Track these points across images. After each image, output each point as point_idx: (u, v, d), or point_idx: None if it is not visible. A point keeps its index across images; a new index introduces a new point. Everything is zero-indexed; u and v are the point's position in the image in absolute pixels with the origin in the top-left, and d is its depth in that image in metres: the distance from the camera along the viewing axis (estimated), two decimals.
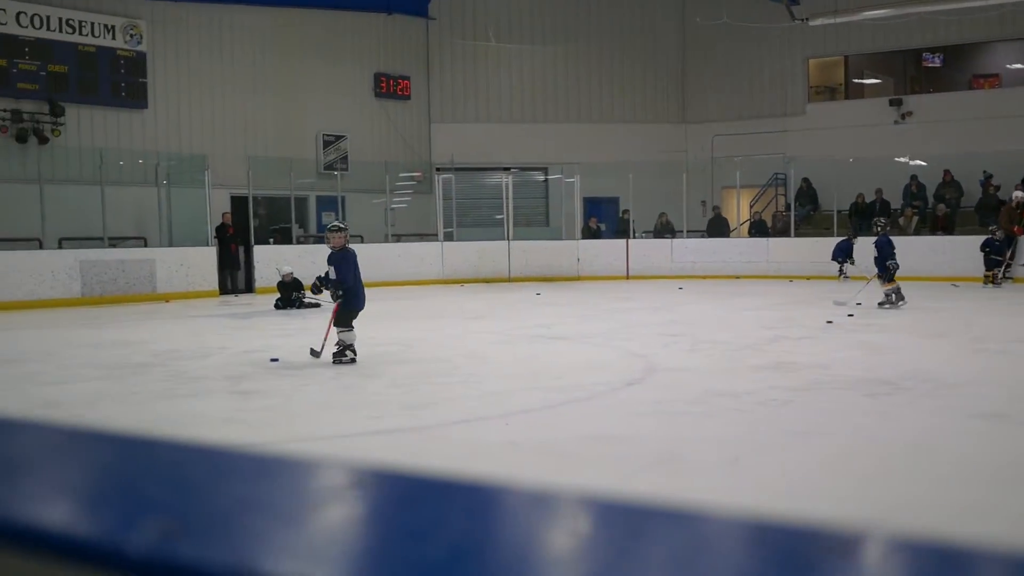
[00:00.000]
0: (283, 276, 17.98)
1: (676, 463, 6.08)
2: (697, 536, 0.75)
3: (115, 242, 20.96)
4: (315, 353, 10.52)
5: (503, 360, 10.92)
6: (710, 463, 6.07)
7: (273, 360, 10.57)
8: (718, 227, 27.11)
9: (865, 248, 17.77)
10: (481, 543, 0.69)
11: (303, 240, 24.68)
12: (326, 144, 26.98)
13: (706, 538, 0.75)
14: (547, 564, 0.69)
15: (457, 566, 0.63)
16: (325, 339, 10.54)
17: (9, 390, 9.11)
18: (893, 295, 15.87)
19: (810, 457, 6.25)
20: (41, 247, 19.72)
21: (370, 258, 24.03)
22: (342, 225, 10.96)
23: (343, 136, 27.24)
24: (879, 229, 16.31)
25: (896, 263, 15.87)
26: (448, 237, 26.00)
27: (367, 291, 10.81)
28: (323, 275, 10.75)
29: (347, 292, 10.47)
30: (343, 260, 10.52)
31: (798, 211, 26.59)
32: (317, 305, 17.78)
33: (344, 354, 10.37)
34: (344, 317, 10.45)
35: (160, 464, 0.85)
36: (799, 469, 5.94)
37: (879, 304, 15.82)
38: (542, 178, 29.34)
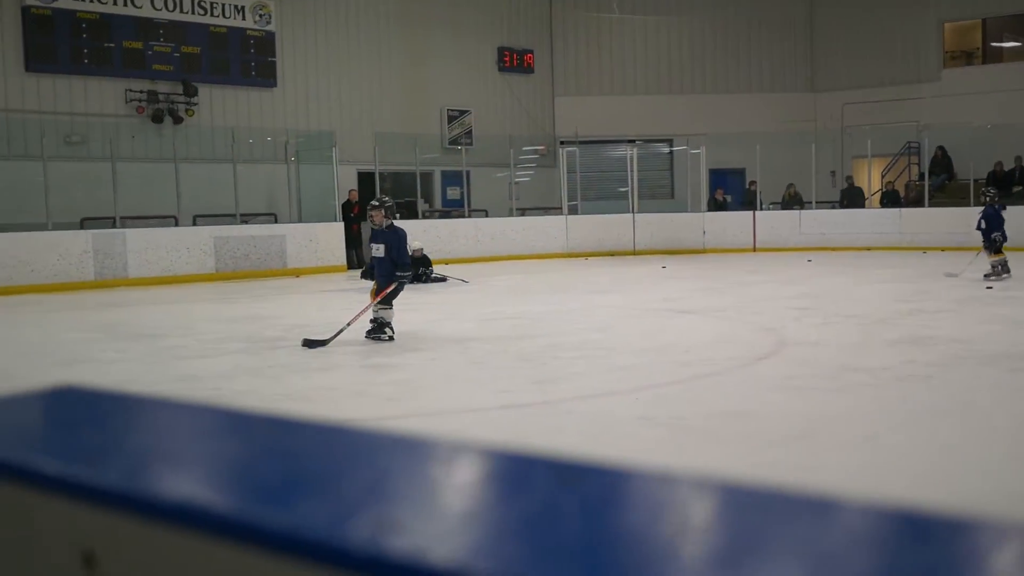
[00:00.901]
0: (412, 252, 18.14)
1: (810, 440, 5.96)
2: (840, 527, 0.72)
3: (247, 218, 21.44)
4: (316, 343, 9.79)
5: (630, 334, 10.86)
6: (845, 441, 5.94)
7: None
8: (853, 197, 26.42)
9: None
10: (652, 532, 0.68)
11: (429, 215, 24.94)
12: (450, 119, 27.15)
13: (848, 529, 0.71)
14: (693, 552, 0.67)
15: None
16: (347, 326, 10.01)
17: (152, 363, 9.40)
18: (999, 267, 15.47)
19: (950, 436, 6.07)
20: (177, 224, 20.29)
21: (494, 232, 24.42)
22: (382, 201, 10.53)
23: (467, 111, 27.37)
24: (986, 200, 15.96)
25: (1003, 235, 15.50)
26: (572, 210, 25.93)
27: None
28: (370, 262, 10.42)
29: (407, 273, 10.39)
30: (402, 240, 10.36)
31: (932, 180, 25.79)
32: (443, 279, 17.97)
33: (383, 331, 10.18)
34: (393, 296, 10.26)
35: (359, 454, 0.85)
36: (939, 448, 5.78)
37: (985, 276, 15.40)
38: (667, 150, 29.05)
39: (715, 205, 26.60)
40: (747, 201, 26.76)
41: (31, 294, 16.96)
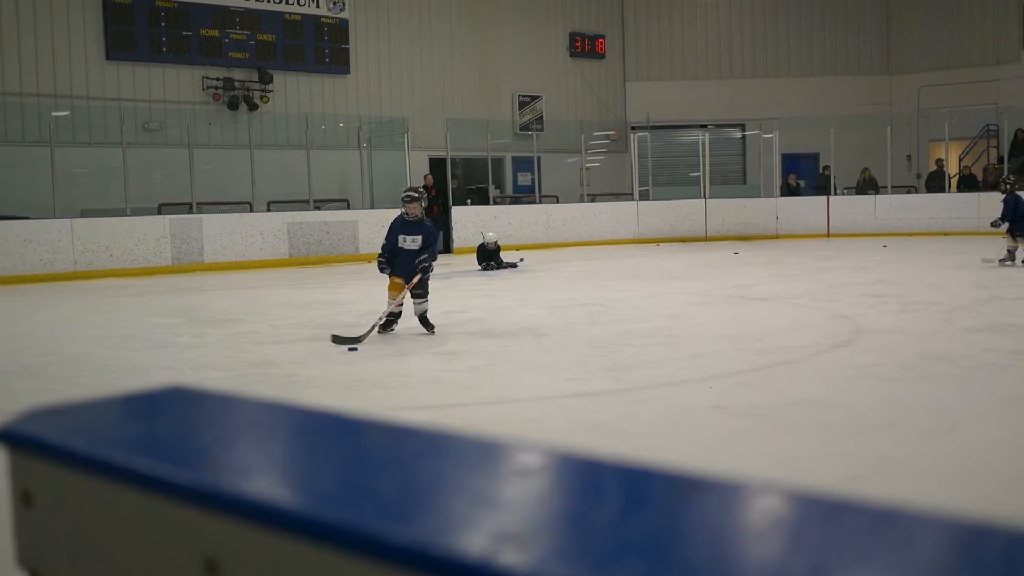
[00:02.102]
0: (487, 244, 18.20)
1: (889, 430, 5.88)
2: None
3: (320, 204, 21.65)
4: (353, 340, 9.28)
5: (703, 321, 10.78)
6: (925, 431, 5.85)
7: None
8: (939, 181, 25.88)
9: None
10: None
11: (500, 201, 24.98)
12: (522, 105, 27.15)
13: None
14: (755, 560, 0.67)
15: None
16: (379, 322, 9.82)
17: (227, 348, 9.54)
18: (1015, 253, 15.65)
19: None
20: (251, 210, 20.55)
21: (565, 218, 24.41)
22: (421, 193, 10.31)
23: (538, 97, 27.36)
24: (1007, 187, 16.13)
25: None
26: (644, 196, 25.83)
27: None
28: (386, 254, 10.23)
29: (431, 260, 10.25)
30: (437, 234, 10.37)
31: (1011, 164, 25.25)
32: (514, 265, 18.00)
33: (427, 324, 10.10)
34: (426, 286, 10.19)
35: (471, 463, 0.85)
36: (1022, 439, 5.68)
37: (1000, 261, 15.59)
38: (739, 135, 28.79)
39: (788, 190, 26.31)
40: (821, 186, 26.43)
41: (110, 278, 17.30)
